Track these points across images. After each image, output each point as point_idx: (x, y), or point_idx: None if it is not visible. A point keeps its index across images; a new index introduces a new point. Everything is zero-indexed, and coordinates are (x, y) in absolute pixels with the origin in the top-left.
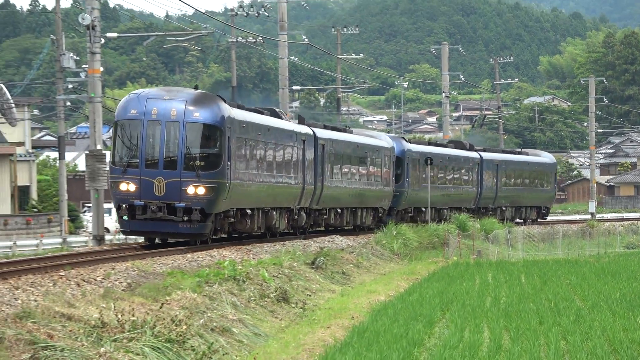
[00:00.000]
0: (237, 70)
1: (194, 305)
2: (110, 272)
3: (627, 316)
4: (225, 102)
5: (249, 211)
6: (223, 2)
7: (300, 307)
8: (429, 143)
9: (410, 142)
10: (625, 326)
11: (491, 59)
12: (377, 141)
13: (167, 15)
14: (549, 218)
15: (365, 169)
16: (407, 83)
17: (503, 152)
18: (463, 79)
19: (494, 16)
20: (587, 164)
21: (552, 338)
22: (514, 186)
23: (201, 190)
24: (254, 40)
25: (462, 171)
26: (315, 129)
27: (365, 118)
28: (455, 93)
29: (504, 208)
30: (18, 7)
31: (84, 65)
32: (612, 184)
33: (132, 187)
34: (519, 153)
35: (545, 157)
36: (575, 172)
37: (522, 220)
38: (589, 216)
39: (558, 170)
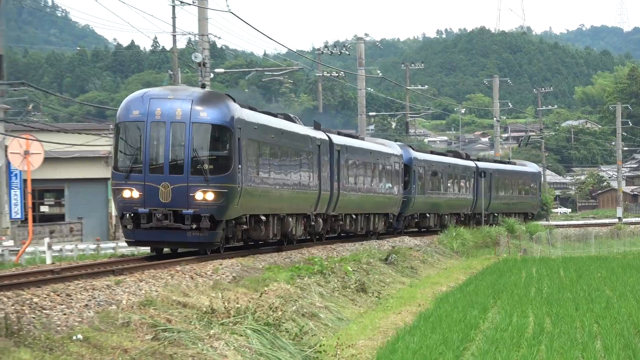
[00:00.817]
0: (323, 99)
1: (288, 295)
2: (219, 267)
3: None
4: (234, 101)
5: (263, 217)
6: (311, 42)
7: (376, 296)
8: (432, 152)
9: (416, 151)
10: None
11: (534, 89)
12: (388, 149)
13: (265, 54)
14: (582, 222)
15: (378, 176)
16: (464, 109)
17: (495, 162)
18: (511, 105)
19: (537, 54)
20: (615, 176)
21: (586, 322)
22: (505, 193)
23: (210, 196)
24: (337, 74)
25: (461, 179)
26: (331, 135)
27: (429, 139)
28: (504, 117)
29: (496, 214)
30: (142, 48)
31: None
32: (636, 193)
33: (135, 193)
34: (509, 163)
35: (532, 167)
36: (604, 184)
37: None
38: (616, 220)
39: (590, 181)
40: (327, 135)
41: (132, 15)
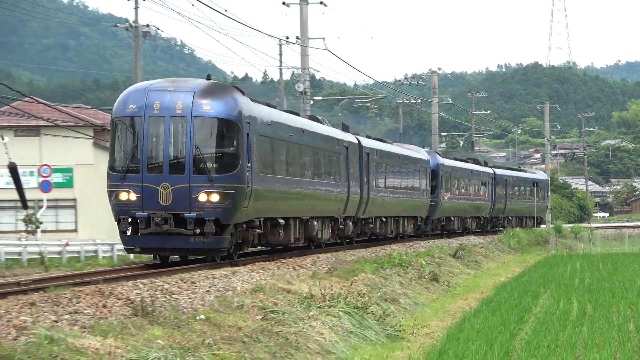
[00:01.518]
0: (402, 122)
1: (373, 283)
2: (316, 260)
3: None
4: (244, 94)
5: (281, 221)
6: (393, 75)
7: (446, 285)
8: (455, 158)
9: (442, 157)
10: None
11: (578, 114)
12: (416, 154)
13: (355, 84)
14: (618, 224)
15: (407, 179)
16: (520, 130)
17: (509, 169)
18: (559, 127)
19: (581, 84)
20: None
21: (621, 308)
22: (519, 199)
23: (215, 197)
24: (415, 101)
25: (481, 185)
26: (360, 137)
27: (491, 155)
28: (553, 137)
29: (510, 217)
30: (254, 79)
31: None
32: None
33: (132, 196)
34: (521, 171)
35: (541, 175)
36: (637, 192)
37: (524, 227)
38: None
39: (624, 190)
40: (356, 138)
41: (246, 52)
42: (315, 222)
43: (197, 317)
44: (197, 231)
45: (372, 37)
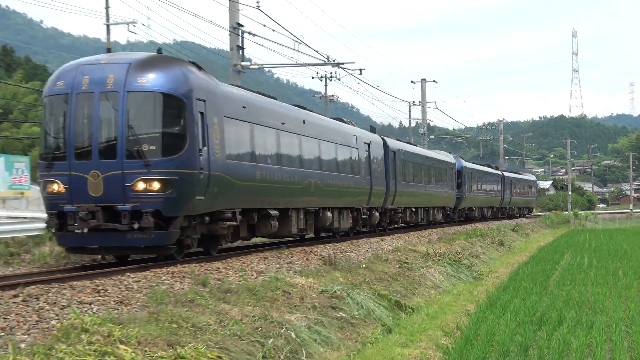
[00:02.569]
0: (482, 151)
1: (465, 246)
2: (431, 232)
3: None
4: (201, 70)
5: (273, 212)
6: (476, 121)
7: (508, 247)
8: (474, 162)
9: (465, 161)
10: None
11: (587, 145)
12: (443, 157)
13: (453, 128)
14: (612, 211)
15: (434, 176)
16: (552, 155)
17: (511, 172)
18: (576, 153)
19: (589, 127)
20: (628, 189)
21: (614, 261)
22: (519, 195)
23: (155, 186)
24: (489, 138)
25: (493, 183)
26: (387, 139)
27: (534, 170)
28: (573, 159)
29: (513, 208)
30: (394, 126)
31: None
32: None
33: (60, 187)
34: (519, 174)
35: (532, 177)
36: (624, 192)
37: (520, 216)
38: (629, 211)
39: (616, 191)
40: (382, 138)
41: (389, 110)
42: (329, 213)
43: (361, 266)
44: (136, 226)
45: (464, 101)
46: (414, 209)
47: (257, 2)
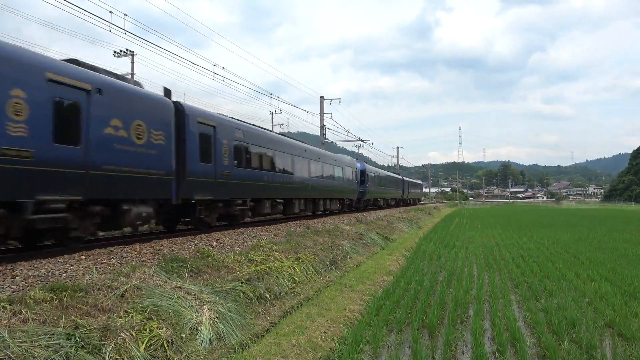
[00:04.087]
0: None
1: (413, 215)
2: (380, 211)
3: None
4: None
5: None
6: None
7: (432, 215)
8: (381, 169)
9: (369, 166)
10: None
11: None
12: (348, 161)
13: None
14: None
15: (339, 175)
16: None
17: (407, 177)
18: None
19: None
20: None
21: (476, 220)
22: (411, 191)
23: None
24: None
25: (396, 183)
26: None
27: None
28: None
29: (409, 199)
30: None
31: None
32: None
33: None
34: (413, 179)
35: (420, 182)
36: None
37: (413, 204)
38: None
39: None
40: (182, 105)
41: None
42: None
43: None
44: None
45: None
46: (302, 201)
47: (331, 114)
